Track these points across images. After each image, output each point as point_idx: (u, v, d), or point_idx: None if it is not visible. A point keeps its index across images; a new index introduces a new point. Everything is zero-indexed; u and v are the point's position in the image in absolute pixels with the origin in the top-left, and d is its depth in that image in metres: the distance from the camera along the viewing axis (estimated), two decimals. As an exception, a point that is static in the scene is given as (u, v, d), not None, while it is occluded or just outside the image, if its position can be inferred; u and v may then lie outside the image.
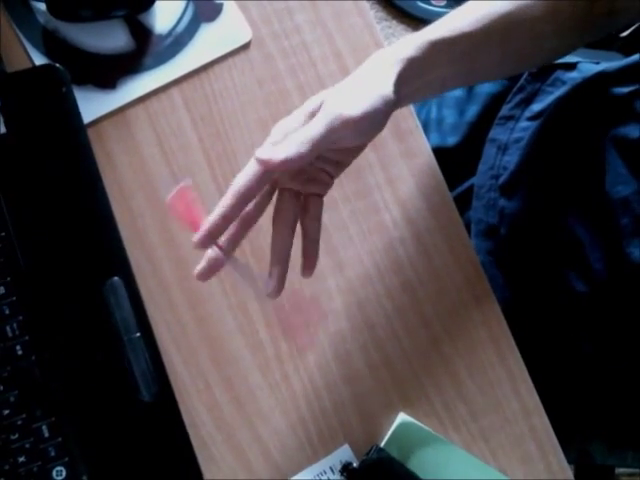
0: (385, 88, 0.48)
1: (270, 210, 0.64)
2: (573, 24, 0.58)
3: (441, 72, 0.53)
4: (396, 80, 0.49)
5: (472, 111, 0.78)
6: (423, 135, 0.65)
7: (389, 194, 0.64)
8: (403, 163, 0.65)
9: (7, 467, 0.53)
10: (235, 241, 0.49)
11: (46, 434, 0.54)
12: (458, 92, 0.79)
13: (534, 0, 0.55)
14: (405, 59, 0.50)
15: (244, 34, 0.65)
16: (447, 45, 0.52)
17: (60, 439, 0.54)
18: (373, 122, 0.48)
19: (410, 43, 0.51)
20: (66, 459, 0.54)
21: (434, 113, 0.80)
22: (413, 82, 0.51)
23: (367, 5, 0.67)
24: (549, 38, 0.57)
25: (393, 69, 0.49)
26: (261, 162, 0.46)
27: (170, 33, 0.64)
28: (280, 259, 0.49)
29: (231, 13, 0.65)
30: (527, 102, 0.71)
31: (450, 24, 0.53)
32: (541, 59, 0.63)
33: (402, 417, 0.60)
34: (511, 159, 0.70)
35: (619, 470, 0.98)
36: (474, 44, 0.53)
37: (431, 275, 0.64)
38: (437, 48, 0.51)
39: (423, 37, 0.52)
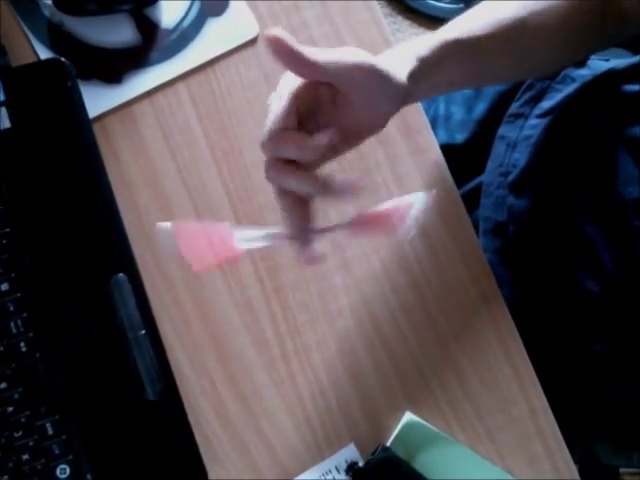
0: (401, 74, 0.48)
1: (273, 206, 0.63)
2: (585, 32, 0.58)
3: (451, 73, 0.53)
4: (408, 76, 0.48)
5: (480, 108, 0.77)
6: (431, 132, 0.65)
7: (397, 191, 0.64)
8: (411, 160, 0.64)
9: (11, 465, 0.53)
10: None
11: (50, 432, 0.54)
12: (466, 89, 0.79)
13: (546, 8, 0.54)
14: (418, 58, 0.50)
15: (251, 29, 0.64)
16: (458, 46, 0.52)
17: (64, 437, 0.54)
18: (383, 92, 0.46)
19: (424, 42, 0.51)
20: (70, 457, 0.54)
21: (442, 110, 0.79)
22: (423, 81, 0.51)
23: (375, 1, 0.67)
24: (561, 46, 0.57)
25: (406, 66, 0.49)
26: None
27: (176, 28, 0.63)
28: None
29: (238, 8, 0.64)
30: (536, 100, 0.71)
31: (463, 25, 0.53)
32: (553, 67, 0.63)
33: (408, 416, 0.60)
34: (520, 157, 0.70)
35: (622, 470, 0.98)
36: (485, 47, 0.54)
37: (438, 273, 0.63)
38: (449, 49, 0.51)
39: (437, 37, 0.51)
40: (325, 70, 0.43)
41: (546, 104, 0.70)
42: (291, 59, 0.43)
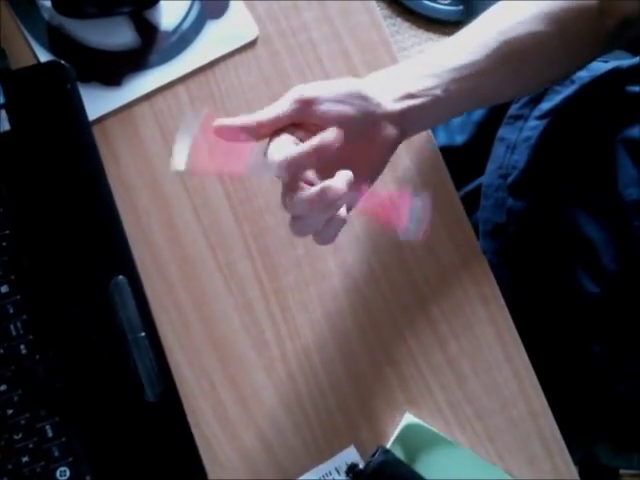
0: (359, 84, 0.48)
1: (273, 208, 0.63)
2: (583, 35, 0.57)
3: (449, 101, 0.52)
4: (376, 83, 0.49)
5: (480, 110, 0.77)
6: (431, 134, 0.65)
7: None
8: (410, 162, 0.64)
9: (10, 467, 0.53)
10: None
11: (50, 434, 0.54)
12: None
13: (543, 11, 0.54)
14: (389, 74, 0.51)
15: (250, 31, 0.64)
16: (453, 74, 0.52)
17: (64, 439, 0.54)
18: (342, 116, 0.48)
19: (404, 63, 0.52)
20: (70, 459, 0.54)
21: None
22: (404, 87, 0.51)
23: (374, 3, 0.67)
24: (561, 51, 0.57)
25: (371, 77, 0.50)
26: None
27: (176, 30, 0.63)
28: None
29: (237, 10, 0.64)
30: (536, 101, 0.71)
31: (458, 47, 0.53)
32: (554, 76, 0.62)
33: (408, 418, 0.60)
34: (520, 158, 0.70)
35: (622, 471, 0.98)
36: (479, 71, 0.53)
37: (437, 274, 0.63)
38: (442, 79, 0.51)
39: (428, 70, 0.52)
40: (269, 123, 0.47)
41: (545, 105, 0.70)
42: (243, 132, 0.47)
